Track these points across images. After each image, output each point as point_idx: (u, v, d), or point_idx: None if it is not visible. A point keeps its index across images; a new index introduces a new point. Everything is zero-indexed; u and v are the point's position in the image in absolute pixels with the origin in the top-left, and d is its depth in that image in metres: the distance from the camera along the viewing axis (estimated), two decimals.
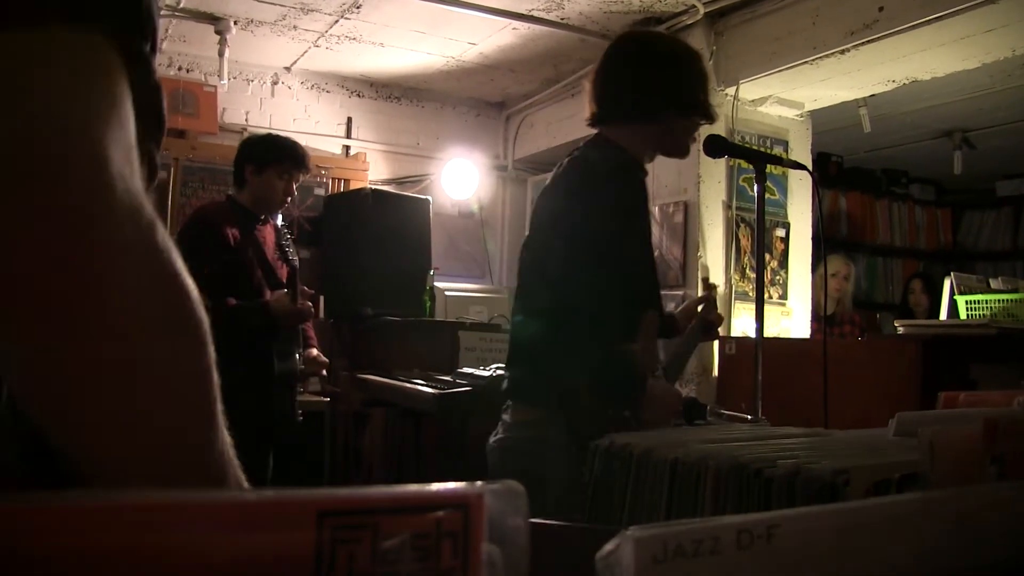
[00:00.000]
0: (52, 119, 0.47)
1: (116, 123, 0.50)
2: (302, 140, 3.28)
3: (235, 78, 4.70)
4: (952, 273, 3.50)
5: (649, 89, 1.93)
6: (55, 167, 0.46)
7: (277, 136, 3.23)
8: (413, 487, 0.31)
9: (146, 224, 0.50)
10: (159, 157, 0.83)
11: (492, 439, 1.97)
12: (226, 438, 0.54)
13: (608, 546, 0.35)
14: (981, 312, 3.22)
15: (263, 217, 3.07)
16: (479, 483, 0.31)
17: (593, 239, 1.80)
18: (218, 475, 0.54)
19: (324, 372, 3.32)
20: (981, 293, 3.35)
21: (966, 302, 3.29)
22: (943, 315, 3.48)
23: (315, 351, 3.24)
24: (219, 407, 0.54)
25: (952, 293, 3.39)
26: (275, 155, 3.03)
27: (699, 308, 2.31)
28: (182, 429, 0.52)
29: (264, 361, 2.84)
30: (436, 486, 0.31)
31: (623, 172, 1.87)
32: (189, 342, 0.52)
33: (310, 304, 2.97)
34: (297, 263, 2.93)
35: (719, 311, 2.33)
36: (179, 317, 0.52)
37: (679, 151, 2.04)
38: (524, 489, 0.32)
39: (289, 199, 3.11)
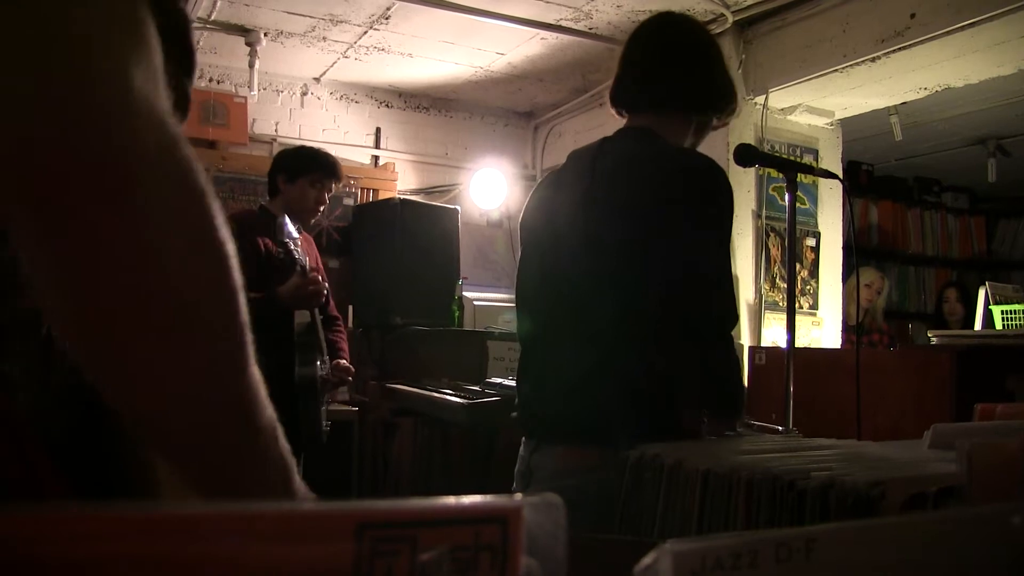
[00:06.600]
0: (73, 41, 0.45)
1: (138, 44, 0.48)
2: (331, 150, 3.31)
3: (265, 89, 4.75)
4: (987, 282, 3.46)
5: (702, 83, 1.77)
6: (77, 84, 0.44)
7: (309, 147, 3.28)
8: (452, 500, 0.31)
9: (170, 139, 0.48)
10: (191, 90, 0.80)
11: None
12: (256, 375, 0.53)
13: (646, 559, 0.35)
14: (1017, 322, 3.18)
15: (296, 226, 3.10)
16: (518, 496, 0.31)
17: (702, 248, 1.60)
18: (252, 414, 0.53)
19: (350, 378, 3.32)
20: (1017, 303, 3.30)
21: (1002, 312, 3.25)
22: (978, 325, 3.44)
23: (343, 362, 3.23)
24: (249, 339, 0.53)
25: (987, 303, 3.35)
26: (306, 164, 3.08)
27: None
28: (212, 347, 0.51)
29: (284, 367, 2.79)
30: (475, 499, 0.31)
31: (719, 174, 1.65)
32: (213, 263, 0.50)
33: (319, 279, 2.84)
34: (305, 262, 2.83)
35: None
36: (202, 236, 0.50)
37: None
38: (562, 502, 0.32)
39: (321, 208, 3.13)
